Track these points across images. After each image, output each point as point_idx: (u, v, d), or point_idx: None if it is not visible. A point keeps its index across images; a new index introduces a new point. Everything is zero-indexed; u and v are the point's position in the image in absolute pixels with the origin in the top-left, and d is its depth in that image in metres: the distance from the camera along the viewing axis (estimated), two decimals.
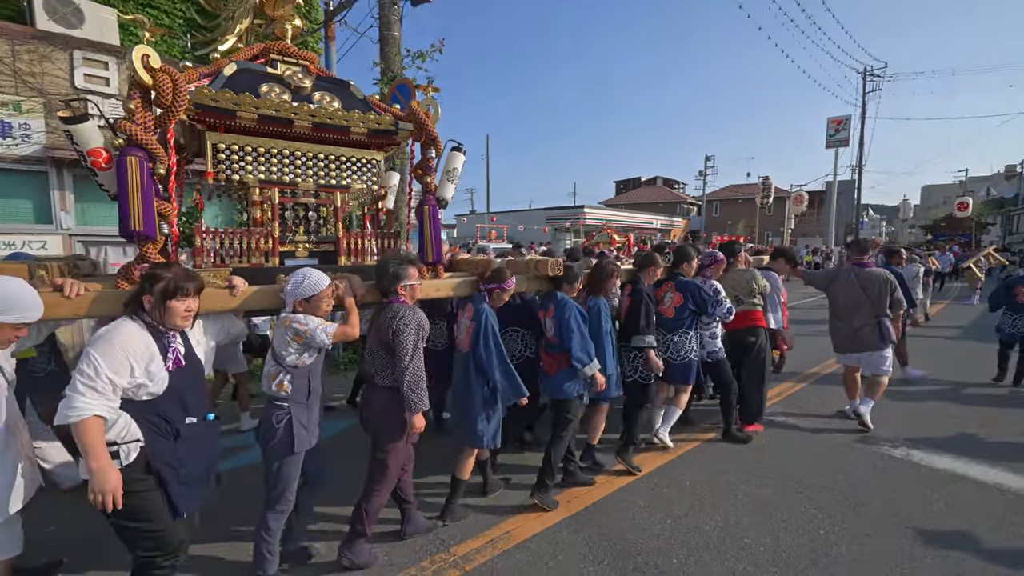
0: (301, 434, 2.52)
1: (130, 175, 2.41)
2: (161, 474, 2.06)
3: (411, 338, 2.66)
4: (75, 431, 1.88)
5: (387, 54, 8.08)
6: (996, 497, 3.64)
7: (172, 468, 2.09)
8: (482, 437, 3.24)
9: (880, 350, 4.91)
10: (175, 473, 2.09)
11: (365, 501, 2.84)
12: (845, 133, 27.77)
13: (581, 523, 3.36)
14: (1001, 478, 3.91)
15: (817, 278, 5.45)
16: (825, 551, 3.04)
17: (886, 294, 4.86)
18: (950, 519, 3.35)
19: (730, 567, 2.92)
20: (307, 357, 2.55)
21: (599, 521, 3.38)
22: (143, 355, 2.01)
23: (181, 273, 2.15)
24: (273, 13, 3.55)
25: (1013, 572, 2.84)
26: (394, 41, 8.12)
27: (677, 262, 4.42)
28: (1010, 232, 34.89)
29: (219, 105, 2.84)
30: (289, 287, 2.53)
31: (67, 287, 2.14)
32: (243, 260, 3.05)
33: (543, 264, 3.56)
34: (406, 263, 2.84)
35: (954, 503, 3.55)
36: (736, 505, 3.57)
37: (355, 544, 2.85)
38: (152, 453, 2.05)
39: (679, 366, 4.27)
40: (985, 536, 3.17)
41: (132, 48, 2.48)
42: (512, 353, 3.96)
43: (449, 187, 3.78)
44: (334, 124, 3.21)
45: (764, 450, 4.48)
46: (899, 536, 3.18)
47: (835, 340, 5.20)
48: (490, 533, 3.24)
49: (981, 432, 4.86)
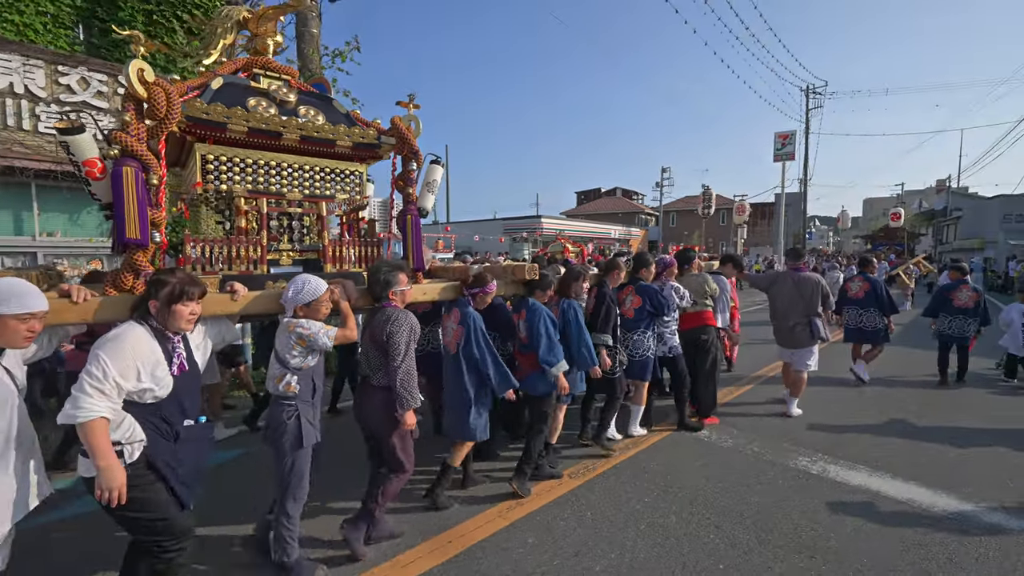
0: (309, 430, 2.66)
1: (126, 185, 2.47)
2: (162, 473, 2.12)
3: (404, 339, 2.82)
4: (81, 431, 1.92)
5: (304, 52, 7.84)
6: (908, 517, 3.49)
7: (171, 468, 2.15)
8: (474, 431, 3.45)
9: (809, 347, 5.45)
10: (174, 473, 2.16)
11: (378, 483, 2.99)
12: (791, 147, 28.66)
13: (456, 569, 2.96)
14: (915, 494, 3.80)
15: (759, 280, 6.08)
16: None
17: (817, 295, 5.43)
18: (858, 544, 3.17)
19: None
20: (310, 359, 2.67)
21: (475, 567, 2.97)
22: (149, 360, 2.07)
23: (186, 278, 2.22)
24: (256, 29, 3.64)
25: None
26: (312, 39, 7.84)
27: (637, 267, 4.82)
28: (941, 242, 36.94)
29: (211, 118, 2.91)
30: (290, 293, 2.63)
31: (74, 292, 2.17)
32: (231, 268, 3.10)
33: (520, 269, 3.77)
34: (396, 270, 3.00)
35: (863, 526, 3.38)
36: (636, 538, 3.26)
37: (358, 522, 3.01)
38: (153, 453, 2.10)
39: (638, 363, 4.61)
40: (892, 560, 3.00)
41: (128, 62, 2.54)
42: None
43: (429, 197, 3.93)
44: (321, 137, 3.32)
45: (680, 469, 4.24)
46: (801, 566, 2.95)
47: (776, 336, 5.76)
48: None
49: (903, 442, 4.83)
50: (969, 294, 6.72)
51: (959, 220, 34.07)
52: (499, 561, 3.01)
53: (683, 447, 4.72)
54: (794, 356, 5.57)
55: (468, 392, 3.40)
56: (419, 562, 2.98)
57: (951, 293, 6.81)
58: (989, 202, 33.30)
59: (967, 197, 36.58)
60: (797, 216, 33.09)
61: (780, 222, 29.01)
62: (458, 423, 3.49)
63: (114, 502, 1.96)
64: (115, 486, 1.95)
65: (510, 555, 3.06)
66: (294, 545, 2.72)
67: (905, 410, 5.75)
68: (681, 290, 4.91)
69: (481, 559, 3.03)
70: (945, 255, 31.46)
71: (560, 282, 4.03)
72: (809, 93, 29.60)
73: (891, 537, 3.26)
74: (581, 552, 3.10)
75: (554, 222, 32.79)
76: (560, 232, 25.92)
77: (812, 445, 4.74)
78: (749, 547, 3.15)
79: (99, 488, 1.95)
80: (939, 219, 37.49)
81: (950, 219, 35.32)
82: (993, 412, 5.68)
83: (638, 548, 3.15)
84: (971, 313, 6.67)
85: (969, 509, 3.58)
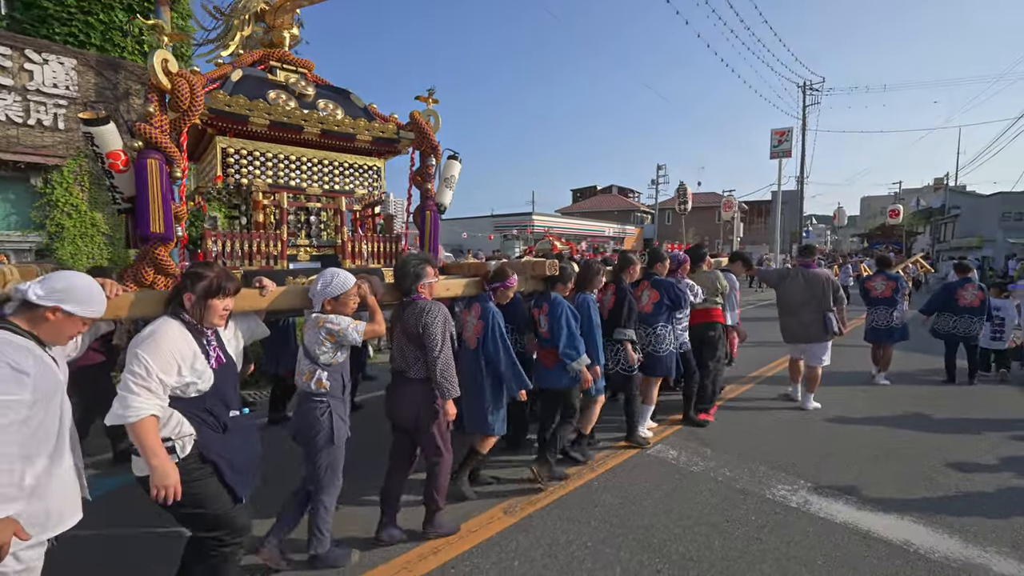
0: (341, 426, 2.63)
1: (150, 178, 2.42)
2: (217, 465, 2.10)
3: (439, 329, 2.79)
4: (132, 431, 1.89)
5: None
6: (903, 568, 2.83)
7: (225, 458, 2.13)
8: (493, 425, 3.43)
9: (823, 341, 5.43)
10: (229, 463, 2.14)
11: (431, 481, 2.99)
12: (788, 144, 27.94)
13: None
14: (913, 533, 3.15)
15: (769, 276, 6.04)
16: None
17: (829, 290, 5.39)
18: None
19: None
20: (340, 355, 2.63)
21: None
22: (187, 354, 2.03)
23: (223, 273, 2.17)
24: (273, 22, 3.59)
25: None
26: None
27: (651, 262, 4.78)
28: (938, 240, 36.28)
29: (232, 110, 2.86)
30: (319, 287, 2.58)
31: (107, 287, 2.13)
32: (251, 263, 3.06)
33: (540, 265, 3.73)
34: (424, 263, 2.95)
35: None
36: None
37: (434, 519, 3.04)
38: (205, 445, 2.08)
39: (662, 358, 4.50)
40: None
41: (152, 52, 2.49)
42: None
43: (447, 193, 3.89)
44: (341, 132, 3.27)
45: (637, 501, 3.55)
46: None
47: (785, 331, 5.71)
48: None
49: (898, 465, 4.13)
50: (975, 292, 6.64)
51: (957, 218, 33.46)
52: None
53: (645, 472, 4.01)
54: (807, 351, 5.55)
55: (486, 387, 3.38)
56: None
57: (956, 292, 6.73)
58: (987, 200, 32.63)
59: (965, 195, 35.86)
60: (794, 214, 32.81)
61: (776, 220, 28.62)
62: (478, 417, 3.45)
63: (170, 499, 1.93)
64: (169, 483, 1.92)
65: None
66: (328, 536, 2.70)
67: (903, 420, 5.24)
68: (695, 287, 4.89)
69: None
70: (943, 254, 31.14)
71: (578, 277, 4.01)
72: (806, 89, 29.01)
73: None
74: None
75: (546, 219, 32.07)
76: (548, 229, 25.26)
77: (794, 468, 4.06)
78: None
79: (154, 486, 1.91)
80: (937, 217, 37.09)
81: (948, 217, 34.68)
82: (1000, 413, 5.49)
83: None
84: (977, 312, 6.60)
85: (976, 556, 2.95)
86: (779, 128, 28.61)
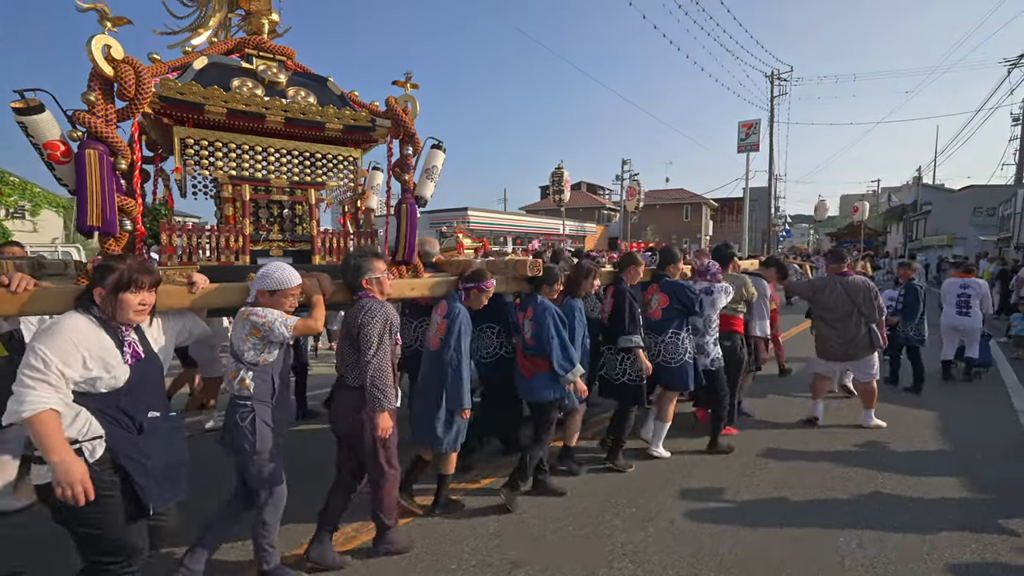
0: (265, 433, 2.32)
1: (89, 169, 2.17)
2: (127, 469, 1.86)
3: (376, 332, 2.46)
4: (30, 427, 1.67)
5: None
6: None
7: (137, 461, 1.88)
8: (443, 439, 2.98)
9: (870, 355, 4.81)
10: (141, 466, 1.89)
11: (375, 502, 2.67)
12: (755, 137, 26.18)
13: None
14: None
15: (801, 288, 5.32)
16: None
17: (871, 300, 4.74)
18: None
19: None
20: (268, 354, 2.32)
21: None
22: (95, 346, 1.79)
23: (136, 265, 1.91)
24: (248, 6, 3.29)
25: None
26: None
27: (663, 264, 4.16)
28: (911, 239, 33.72)
29: (186, 99, 2.59)
30: (258, 275, 2.32)
31: (14, 281, 1.88)
32: (219, 258, 2.83)
33: (522, 265, 3.38)
34: (369, 256, 2.63)
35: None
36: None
37: (386, 535, 2.74)
38: (115, 447, 1.84)
39: (675, 370, 3.89)
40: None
41: (91, 38, 2.20)
42: (487, 351, 3.80)
43: (429, 185, 3.55)
44: (308, 120, 2.97)
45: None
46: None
47: (823, 347, 4.99)
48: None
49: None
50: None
51: (928, 215, 31.10)
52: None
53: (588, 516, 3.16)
54: (856, 367, 4.93)
55: (440, 395, 2.98)
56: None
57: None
58: (958, 195, 30.66)
59: (936, 190, 33.42)
60: (772, 211, 31.22)
61: (746, 217, 26.65)
62: (425, 427, 3.02)
63: (80, 499, 1.69)
64: (75, 479, 1.68)
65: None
66: (273, 552, 2.45)
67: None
68: (730, 290, 4.19)
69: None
70: (917, 252, 28.24)
71: (568, 279, 3.57)
72: (774, 79, 26.86)
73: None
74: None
75: (482, 215, 28.12)
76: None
77: (759, 504, 3.29)
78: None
79: (58, 485, 1.67)
80: (909, 214, 34.18)
81: (919, 214, 32.27)
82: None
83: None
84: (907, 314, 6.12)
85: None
86: (746, 120, 26.98)
